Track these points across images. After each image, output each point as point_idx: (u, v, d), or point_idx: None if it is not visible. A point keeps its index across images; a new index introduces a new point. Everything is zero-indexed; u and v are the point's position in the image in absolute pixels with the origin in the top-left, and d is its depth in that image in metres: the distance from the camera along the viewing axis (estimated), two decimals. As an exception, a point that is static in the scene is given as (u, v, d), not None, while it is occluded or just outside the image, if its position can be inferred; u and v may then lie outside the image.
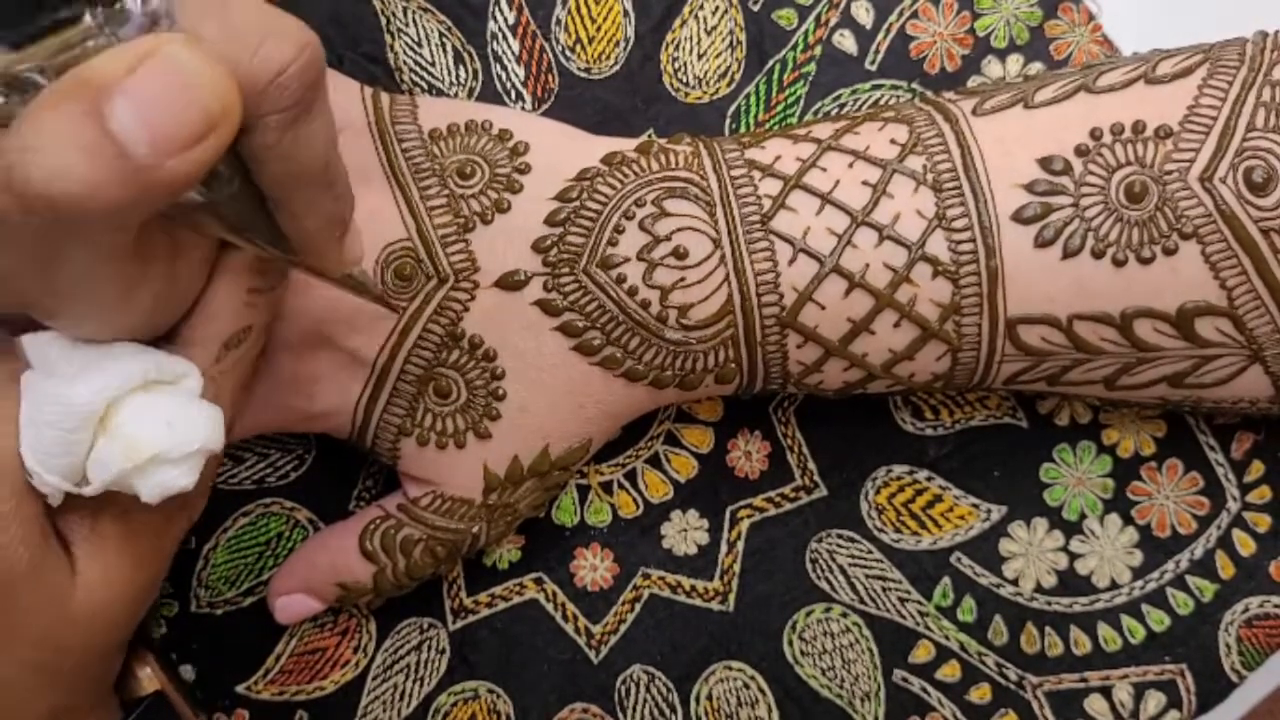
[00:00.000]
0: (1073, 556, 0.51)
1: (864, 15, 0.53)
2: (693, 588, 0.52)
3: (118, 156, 0.27)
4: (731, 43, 0.53)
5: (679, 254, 0.44)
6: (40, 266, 0.30)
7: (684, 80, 0.53)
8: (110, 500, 0.37)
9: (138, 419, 0.33)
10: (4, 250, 0.30)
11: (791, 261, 0.43)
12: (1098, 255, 0.42)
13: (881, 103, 0.52)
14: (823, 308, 0.44)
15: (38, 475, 0.34)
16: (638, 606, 0.51)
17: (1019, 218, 0.42)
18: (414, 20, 0.52)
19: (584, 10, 0.53)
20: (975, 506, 0.51)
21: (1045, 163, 0.43)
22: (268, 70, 0.30)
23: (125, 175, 0.27)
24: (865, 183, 0.44)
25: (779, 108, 0.53)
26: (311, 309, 0.44)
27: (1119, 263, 0.42)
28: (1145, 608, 0.51)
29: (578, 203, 0.45)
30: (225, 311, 0.37)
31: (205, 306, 0.37)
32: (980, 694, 0.51)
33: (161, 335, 0.37)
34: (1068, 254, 0.42)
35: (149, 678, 0.45)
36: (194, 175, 0.28)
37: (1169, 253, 0.41)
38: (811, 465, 0.52)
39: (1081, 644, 0.50)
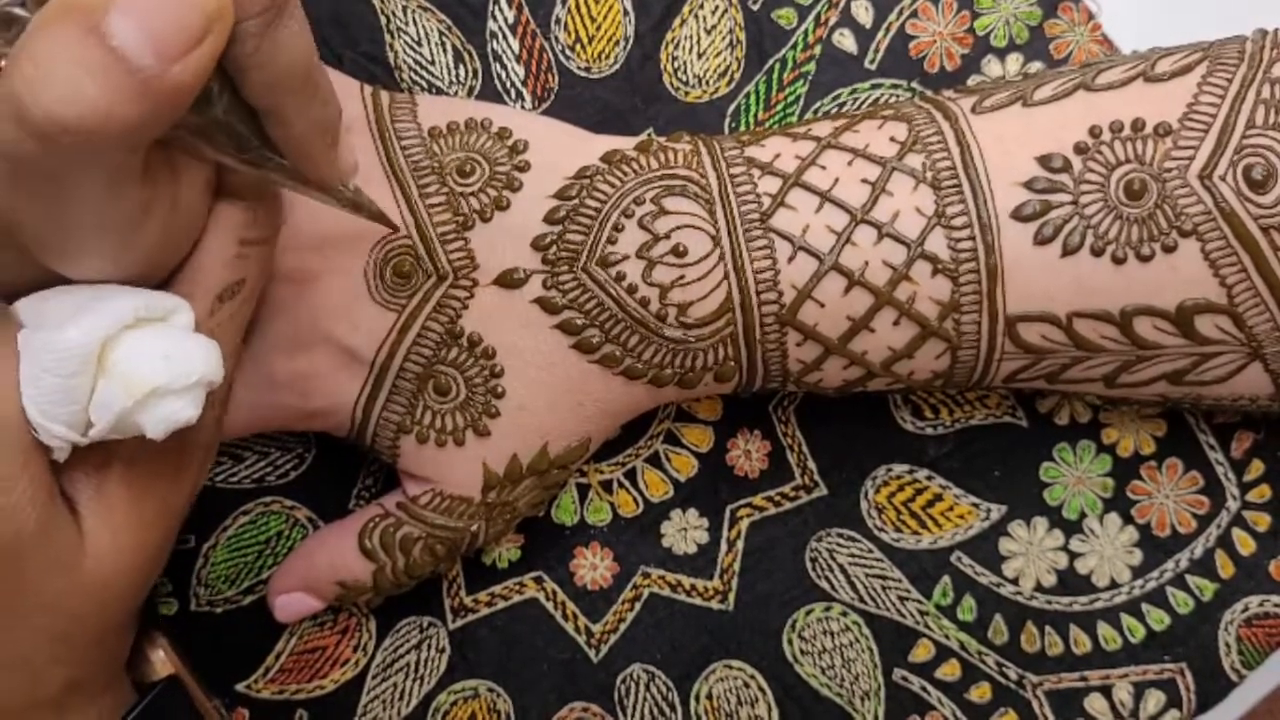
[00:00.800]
0: (1073, 556, 0.51)
1: (864, 14, 0.53)
2: (692, 587, 0.52)
3: (125, 72, 0.27)
4: (731, 42, 0.53)
5: (678, 252, 0.44)
6: (52, 201, 0.30)
7: (684, 79, 0.53)
8: (115, 460, 0.37)
9: (133, 355, 0.33)
10: (14, 189, 0.30)
11: (791, 259, 0.43)
12: (1097, 253, 0.42)
13: (881, 102, 0.52)
14: (822, 305, 0.44)
15: (43, 428, 0.33)
16: (637, 605, 0.51)
17: (1018, 215, 0.42)
18: (413, 19, 0.53)
19: (584, 9, 0.53)
20: (975, 506, 0.51)
21: (1044, 160, 0.43)
22: None
23: (135, 89, 0.27)
24: (864, 180, 0.44)
25: (779, 107, 0.53)
26: (310, 307, 0.45)
27: (1118, 260, 0.42)
28: (1145, 607, 0.51)
29: (577, 200, 0.45)
30: (217, 263, 0.37)
31: (196, 258, 0.37)
32: (980, 693, 0.50)
33: (158, 285, 0.36)
34: (1067, 251, 0.42)
35: (162, 661, 0.45)
36: (199, 79, 0.28)
37: (1168, 250, 0.41)
38: (811, 464, 0.52)
39: (1081, 643, 0.50)
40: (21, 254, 0.33)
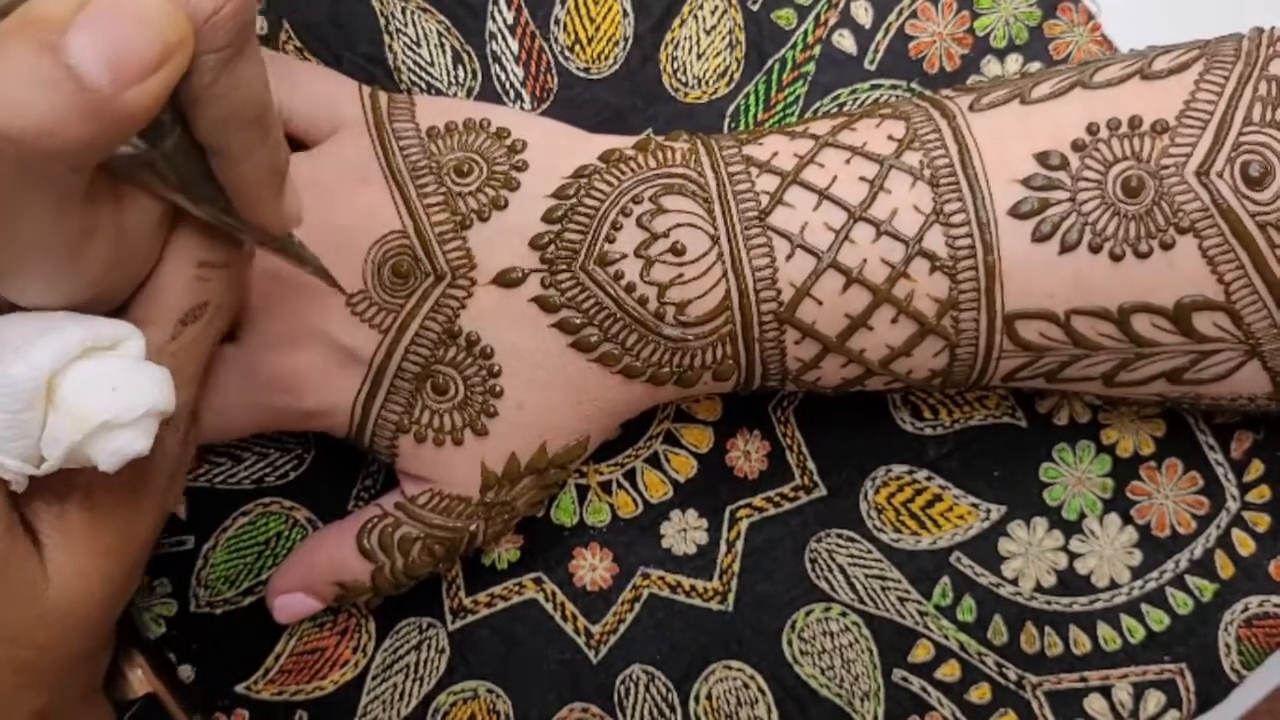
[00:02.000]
0: (1072, 556, 0.51)
1: (863, 15, 0.53)
2: (692, 587, 0.52)
3: (77, 90, 0.27)
4: (731, 42, 0.53)
5: (676, 250, 0.44)
6: None
7: (683, 80, 0.53)
8: (75, 488, 0.36)
9: (81, 388, 0.33)
10: None
11: (789, 257, 0.43)
12: (1095, 250, 0.42)
13: (880, 102, 0.52)
14: (820, 303, 0.44)
15: None
16: (637, 606, 0.51)
17: (1016, 213, 0.42)
18: (412, 20, 0.53)
19: (583, 10, 0.53)
20: (975, 506, 0.51)
21: (1042, 158, 0.43)
22: (203, 10, 0.30)
23: (86, 108, 0.27)
24: (862, 178, 0.44)
25: (778, 107, 0.53)
26: (308, 306, 0.45)
27: (1116, 257, 0.42)
28: (1145, 607, 0.51)
29: (575, 200, 0.45)
30: (175, 286, 0.37)
31: (154, 282, 0.37)
32: (980, 693, 0.50)
33: (114, 311, 0.36)
34: (1065, 248, 0.42)
35: (140, 680, 0.45)
36: (152, 106, 0.28)
37: (1166, 247, 0.41)
38: (811, 465, 0.52)
39: (1081, 644, 0.50)
40: None
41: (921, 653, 0.51)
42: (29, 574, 0.36)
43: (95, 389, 0.33)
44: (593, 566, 0.52)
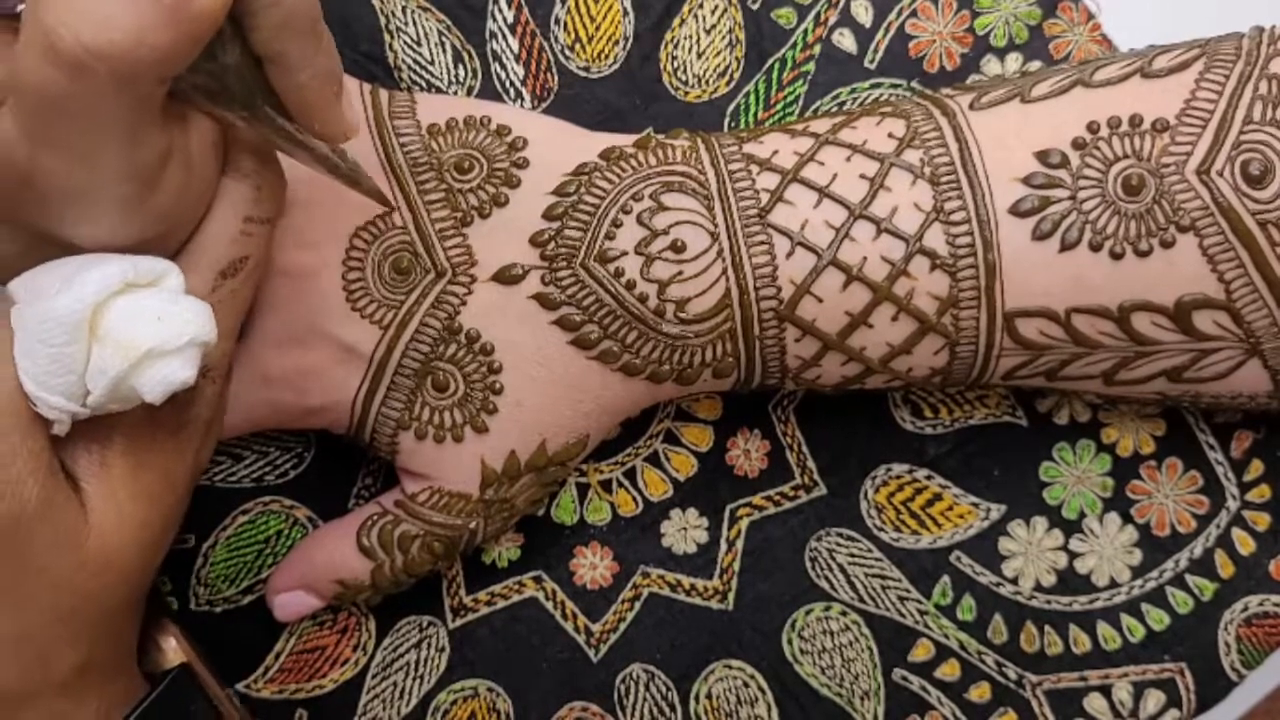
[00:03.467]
0: (1072, 555, 0.51)
1: (863, 14, 0.53)
2: (692, 586, 0.52)
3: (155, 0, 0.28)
4: (731, 42, 0.53)
5: (677, 248, 0.44)
6: (75, 146, 0.31)
7: (683, 79, 0.53)
8: (116, 432, 0.37)
9: (126, 319, 0.33)
10: (37, 136, 0.31)
11: (789, 255, 0.44)
12: (1095, 248, 0.42)
13: (880, 101, 0.52)
14: (820, 301, 0.44)
15: (40, 400, 0.34)
16: (637, 605, 0.51)
17: (1016, 211, 0.42)
18: (413, 19, 0.53)
19: (583, 9, 0.53)
20: (975, 505, 0.51)
21: (1042, 156, 0.43)
22: None
23: (166, 15, 0.29)
24: (863, 176, 0.44)
25: (778, 106, 0.53)
26: (307, 303, 0.45)
27: (1116, 255, 0.42)
28: (1145, 606, 0.50)
29: (575, 197, 0.45)
30: (221, 239, 0.38)
31: (203, 231, 0.38)
32: (980, 693, 0.50)
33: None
34: (1065, 247, 0.42)
35: (175, 650, 0.45)
36: (221, 8, 0.30)
37: (1166, 245, 0.41)
38: (811, 464, 0.52)
39: (1081, 643, 0.50)
40: (17, 231, 0.33)
41: (921, 652, 0.51)
42: (71, 520, 0.36)
43: (140, 319, 0.34)
44: (593, 565, 0.52)
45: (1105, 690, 0.50)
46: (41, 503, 0.34)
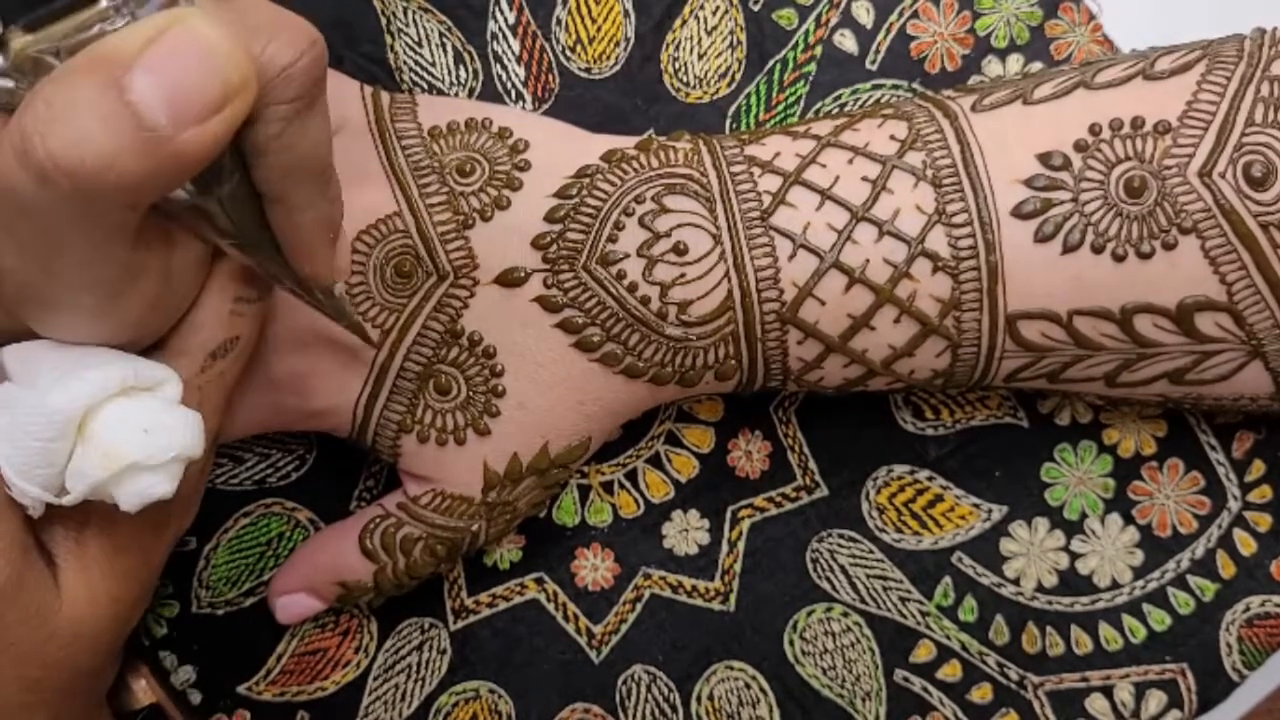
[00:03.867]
0: (1074, 556, 0.51)
1: (864, 15, 0.53)
2: (694, 588, 0.52)
3: (136, 127, 0.27)
4: (732, 43, 0.53)
5: (679, 250, 0.44)
6: (40, 250, 0.30)
7: (684, 80, 0.53)
8: (95, 514, 0.37)
9: (114, 426, 0.33)
10: (10, 237, 0.30)
11: (791, 257, 0.43)
12: (1097, 250, 0.42)
13: (882, 102, 0.52)
14: (823, 303, 0.44)
15: (17, 487, 0.33)
16: (639, 606, 0.51)
17: (1019, 213, 0.42)
18: (414, 20, 0.53)
19: (584, 10, 0.53)
20: (976, 506, 0.51)
21: (1045, 158, 0.43)
22: (278, 62, 0.31)
23: (144, 146, 0.27)
24: (865, 178, 0.44)
25: (779, 107, 0.53)
26: (309, 307, 0.45)
27: (1119, 258, 0.42)
28: (1146, 607, 0.51)
29: (577, 199, 0.45)
30: (212, 321, 0.37)
31: (192, 316, 0.37)
32: (981, 694, 0.50)
33: (150, 345, 0.37)
34: (1067, 249, 0.42)
35: (144, 690, 0.45)
36: (210, 148, 0.28)
37: (1168, 247, 0.41)
38: (812, 465, 0.52)
39: (1083, 643, 0.50)
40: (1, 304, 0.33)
41: (923, 653, 0.51)
42: (42, 596, 0.36)
43: (128, 429, 0.33)
44: (594, 567, 0.52)
45: (1107, 691, 0.50)
46: (11, 582, 0.34)
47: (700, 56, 0.53)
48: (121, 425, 0.33)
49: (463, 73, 0.53)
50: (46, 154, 0.27)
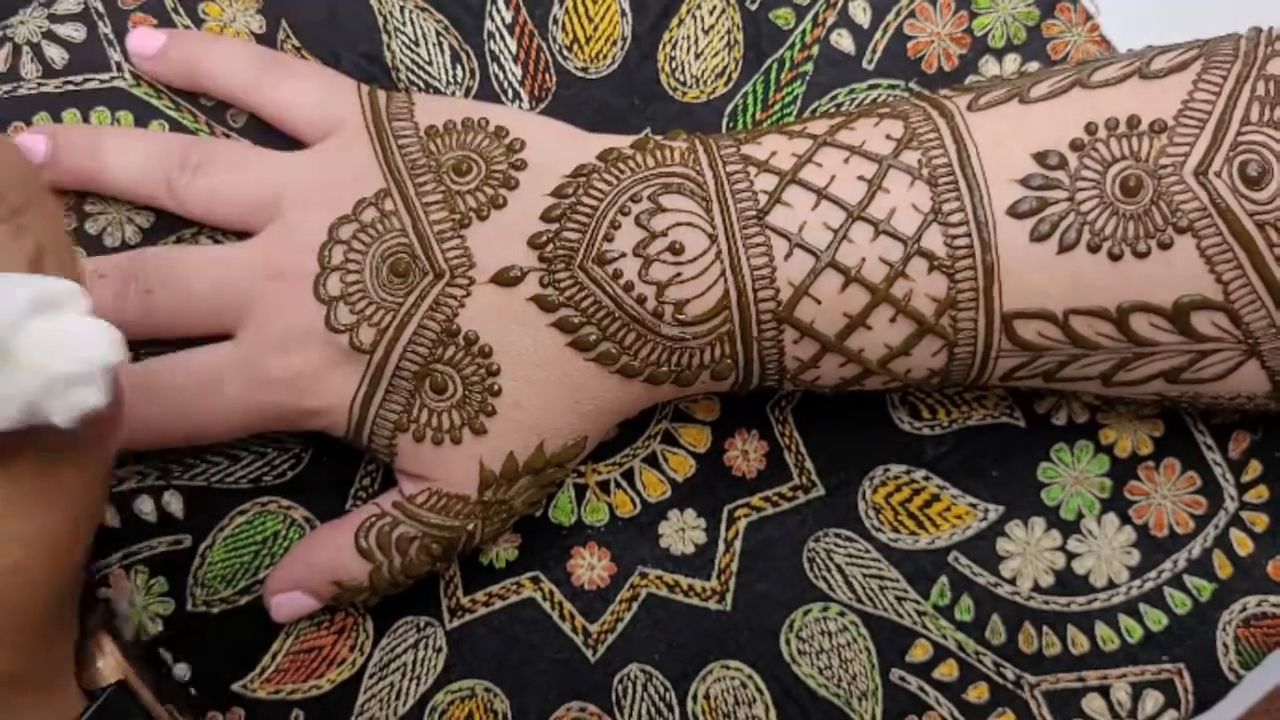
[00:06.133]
0: (1070, 556, 0.51)
1: (861, 15, 0.53)
2: (690, 587, 0.51)
3: None
4: (729, 42, 0.53)
5: (675, 249, 0.44)
6: None
7: (681, 80, 0.53)
8: (22, 443, 0.36)
9: (35, 343, 0.33)
10: None
11: (788, 256, 0.43)
12: (1093, 249, 0.42)
13: (878, 102, 0.52)
14: (819, 303, 0.44)
15: None
16: (635, 605, 0.51)
17: (1014, 212, 0.42)
18: (411, 19, 0.53)
19: (581, 9, 0.53)
20: (973, 506, 0.51)
21: (1040, 158, 0.43)
22: None
23: None
24: (861, 178, 0.44)
25: (776, 107, 0.53)
26: (304, 305, 0.45)
27: (1115, 257, 0.42)
28: (1143, 607, 0.50)
29: (574, 199, 0.45)
30: None
31: None
32: (978, 693, 0.50)
33: None
34: (1063, 248, 0.42)
35: (111, 666, 0.45)
36: None
37: (1164, 247, 0.41)
38: (809, 464, 0.52)
39: (1079, 643, 0.50)
40: None
41: (919, 652, 0.51)
42: None
43: (50, 342, 0.33)
44: (590, 566, 0.52)
45: (1103, 691, 0.50)
46: None
47: (697, 56, 0.53)
48: (44, 339, 0.33)
49: (459, 72, 0.53)
50: None
